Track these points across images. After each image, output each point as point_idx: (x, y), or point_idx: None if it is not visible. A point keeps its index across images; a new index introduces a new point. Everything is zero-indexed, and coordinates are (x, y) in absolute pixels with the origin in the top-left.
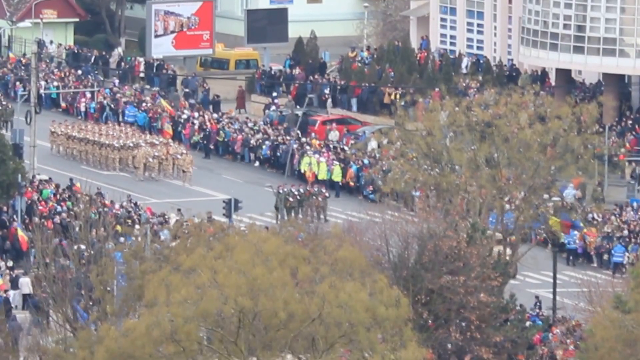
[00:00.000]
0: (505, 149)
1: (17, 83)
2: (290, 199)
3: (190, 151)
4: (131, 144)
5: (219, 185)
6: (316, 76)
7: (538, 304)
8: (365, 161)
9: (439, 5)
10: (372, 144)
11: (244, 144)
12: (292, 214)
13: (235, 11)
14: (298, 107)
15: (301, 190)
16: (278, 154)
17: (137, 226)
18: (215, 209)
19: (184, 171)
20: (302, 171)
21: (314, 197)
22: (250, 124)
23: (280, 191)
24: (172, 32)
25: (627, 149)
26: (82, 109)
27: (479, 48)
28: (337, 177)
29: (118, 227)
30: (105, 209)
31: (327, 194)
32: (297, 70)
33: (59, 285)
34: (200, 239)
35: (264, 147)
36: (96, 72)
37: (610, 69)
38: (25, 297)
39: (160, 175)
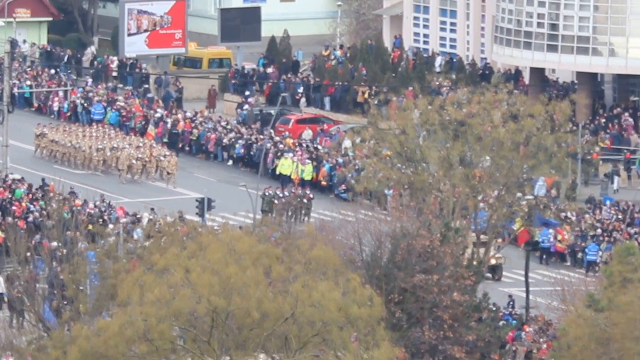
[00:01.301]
0: (479, 147)
1: None
2: (276, 202)
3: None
4: (114, 146)
5: (192, 184)
6: (289, 75)
7: (511, 302)
8: (339, 160)
9: (412, 4)
10: (346, 143)
11: (217, 142)
12: (278, 216)
13: (208, 10)
14: (263, 104)
15: (286, 193)
16: (251, 152)
17: (110, 225)
18: (188, 208)
19: (168, 173)
20: (278, 172)
21: (300, 199)
22: (223, 123)
23: (266, 194)
24: (145, 31)
25: (606, 146)
26: (55, 108)
27: (452, 47)
28: (308, 175)
29: (90, 227)
30: (78, 209)
31: (312, 196)
32: (270, 69)
33: (31, 285)
34: (174, 238)
35: (237, 146)
36: (69, 71)
37: (584, 67)
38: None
39: (143, 178)
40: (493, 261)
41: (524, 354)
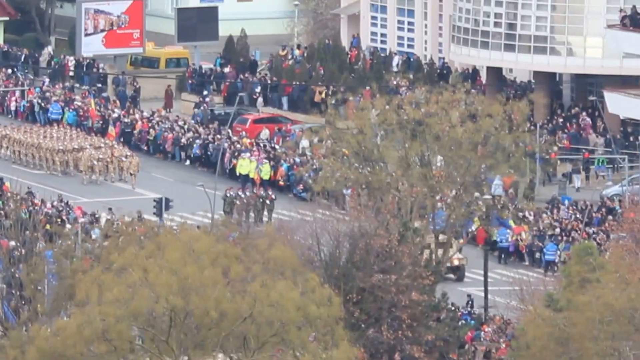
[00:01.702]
0: (437, 147)
1: None
2: (238, 202)
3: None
4: (75, 147)
5: (150, 184)
6: (247, 75)
7: (470, 302)
8: (297, 160)
9: (370, 4)
10: (303, 143)
11: (174, 142)
12: (240, 217)
13: (165, 10)
14: (218, 104)
15: (248, 193)
16: (208, 152)
17: (67, 225)
18: (146, 208)
19: (131, 174)
20: (238, 173)
21: (261, 200)
22: (180, 123)
23: (228, 195)
24: (102, 30)
25: (564, 145)
26: (12, 107)
27: (409, 46)
28: (265, 175)
29: (48, 226)
30: (36, 208)
31: (274, 196)
32: (227, 69)
33: None
34: (132, 238)
35: (194, 145)
36: (26, 71)
37: (541, 67)
38: None
39: (105, 178)
40: (456, 262)
41: (483, 354)
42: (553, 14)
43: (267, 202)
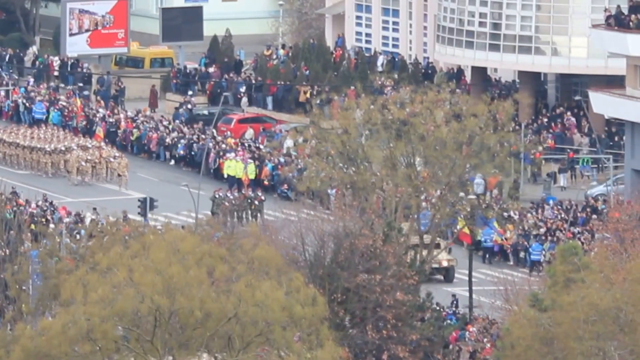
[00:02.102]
0: (422, 147)
1: None
2: (227, 204)
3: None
4: (63, 148)
5: (134, 184)
6: (232, 74)
7: (455, 302)
8: (281, 159)
9: (355, 3)
10: (288, 143)
11: (159, 142)
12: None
13: (150, 9)
14: (197, 105)
15: (236, 195)
16: (193, 152)
17: (51, 225)
18: (131, 208)
19: (119, 175)
20: (226, 174)
21: (250, 201)
22: (165, 123)
23: (217, 196)
24: (87, 30)
25: (549, 145)
26: None
27: (394, 46)
28: (251, 175)
29: (33, 226)
30: (21, 208)
31: (263, 197)
32: (212, 69)
33: None
34: (116, 237)
35: (179, 145)
36: (11, 70)
37: (526, 66)
38: None
39: (93, 180)
40: (445, 263)
41: (469, 354)
42: (538, 14)
43: (256, 202)
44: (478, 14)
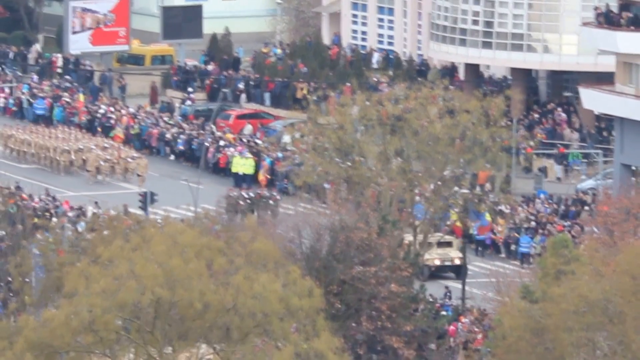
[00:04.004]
0: (415, 142)
1: None
2: (241, 202)
3: None
4: (81, 147)
5: (135, 178)
6: (230, 71)
7: (448, 294)
8: (279, 154)
9: (350, 2)
10: (285, 138)
11: (159, 137)
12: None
13: (150, 8)
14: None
15: (251, 194)
16: (193, 147)
17: (54, 219)
18: (132, 202)
19: (138, 175)
20: (237, 172)
21: (265, 200)
22: (165, 118)
23: (231, 195)
24: (89, 28)
25: (542, 138)
26: (1, 104)
27: (389, 43)
28: (249, 170)
29: (36, 220)
30: (24, 202)
31: (278, 197)
32: (211, 66)
33: None
34: (117, 231)
35: (179, 141)
36: (15, 68)
37: (518, 63)
38: None
39: (111, 179)
40: (457, 261)
41: (461, 345)
42: (529, 12)
43: (271, 202)
44: (471, 12)
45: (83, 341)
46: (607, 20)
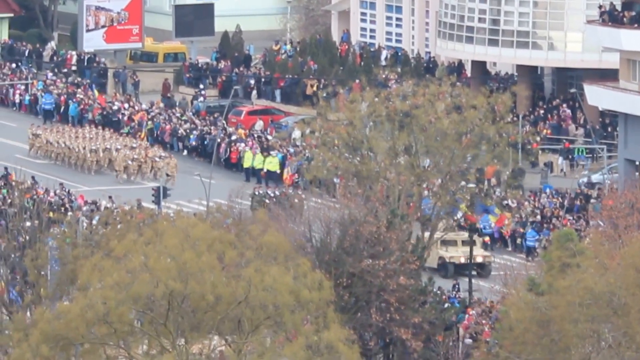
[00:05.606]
0: (423, 137)
1: None
2: (267, 201)
3: None
4: (108, 147)
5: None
6: (241, 68)
7: (456, 287)
8: (291, 150)
9: (359, 0)
10: (295, 134)
11: (172, 133)
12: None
13: (163, 6)
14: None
15: (277, 192)
16: (205, 142)
17: (69, 213)
18: (145, 197)
19: (167, 175)
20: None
21: (290, 199)
22: (178, 114)
23: (256, 193)
24: (103, 26)
25: (548, 134)
26: (16, 100)
27: (397, 41)
28: (259, 164)
29: (51, 214)
30: (40, 197)
31: (303, 196)
32: (223, 63)
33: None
34: (130, 225)
35: (191, 136)
36: (30, 65)
37: (524, 60)
38: None
39: (139, 178)
40: (479, 259)
41: (469, 336)
42: (535, 10)
43: (296, 200)
44: (478, 10)
45: (97, 333)
46: (611, 18)
